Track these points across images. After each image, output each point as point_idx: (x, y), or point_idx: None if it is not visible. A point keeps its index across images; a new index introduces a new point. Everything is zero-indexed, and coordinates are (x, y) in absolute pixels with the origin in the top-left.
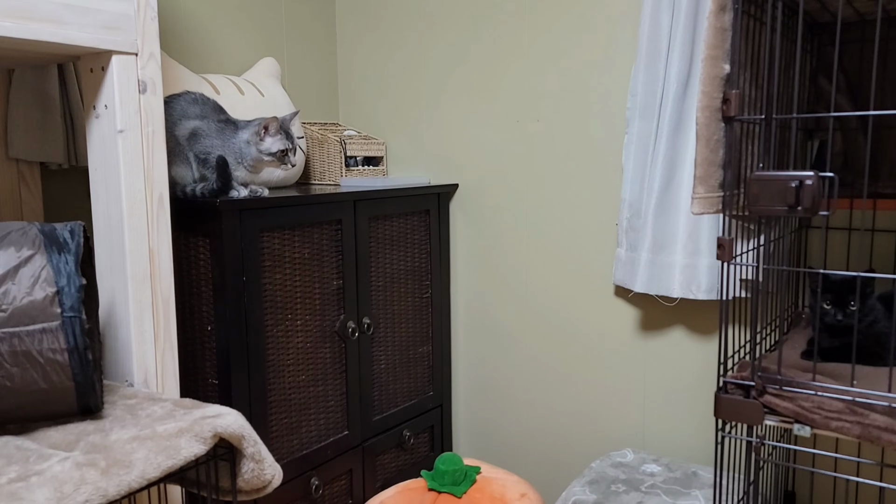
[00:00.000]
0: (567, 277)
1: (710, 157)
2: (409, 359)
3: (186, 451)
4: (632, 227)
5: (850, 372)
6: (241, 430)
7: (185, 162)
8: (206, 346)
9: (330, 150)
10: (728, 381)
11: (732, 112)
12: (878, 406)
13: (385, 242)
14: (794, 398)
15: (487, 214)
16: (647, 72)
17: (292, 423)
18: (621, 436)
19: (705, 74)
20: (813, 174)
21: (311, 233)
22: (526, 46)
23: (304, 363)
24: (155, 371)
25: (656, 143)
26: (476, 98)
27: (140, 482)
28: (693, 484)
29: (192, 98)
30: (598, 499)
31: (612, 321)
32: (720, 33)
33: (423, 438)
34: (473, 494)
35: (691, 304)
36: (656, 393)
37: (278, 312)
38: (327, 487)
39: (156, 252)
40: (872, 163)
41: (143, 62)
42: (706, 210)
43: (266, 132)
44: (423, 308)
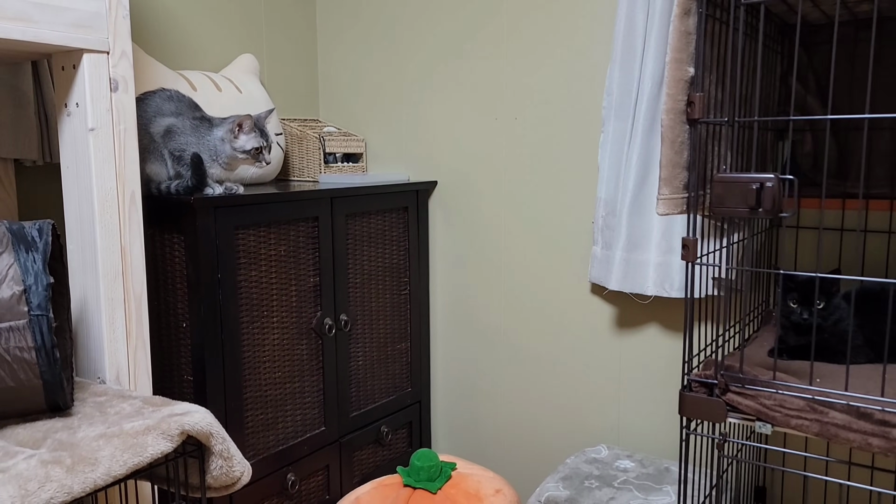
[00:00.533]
0: (544, 275)
1: (675, 159)
2: (388, 355)
3: (153, 449)
4: (607, 225)
5: (820, 370)
6: (209, 427)
7: (159, 159)
8: (181, 342)
9: (309, 147)
10: (692, 379)
11: (696, 114)
12: (838, 404)
13: (363, 239)
14: (756, 396)
15: (466, 212)
16: (622, 72)
17: (268, 419)
18: (596, 432)
19: (670, 77)
20: (773, 176)
21: (288, 230)
22: (505, 45)
23: (281, 360)
24: (127, 368)
25: (631, 142)
26: (456, 96)
27: (105, 479)
28: (665, 479)
29: (167, 95)
30: (571, 494)
31: (588, 319)
32: (684, 37)
33: (401, 434)
34: (448, 490)
35: (665, 301)
36: (631, 389)
37: (254, 309)
38: (304, 483)
39: (128, 249)
40: (842, 164)
41: (114, 60)
42: (671, 211)
43: (240, 130)
44: (402, 305)
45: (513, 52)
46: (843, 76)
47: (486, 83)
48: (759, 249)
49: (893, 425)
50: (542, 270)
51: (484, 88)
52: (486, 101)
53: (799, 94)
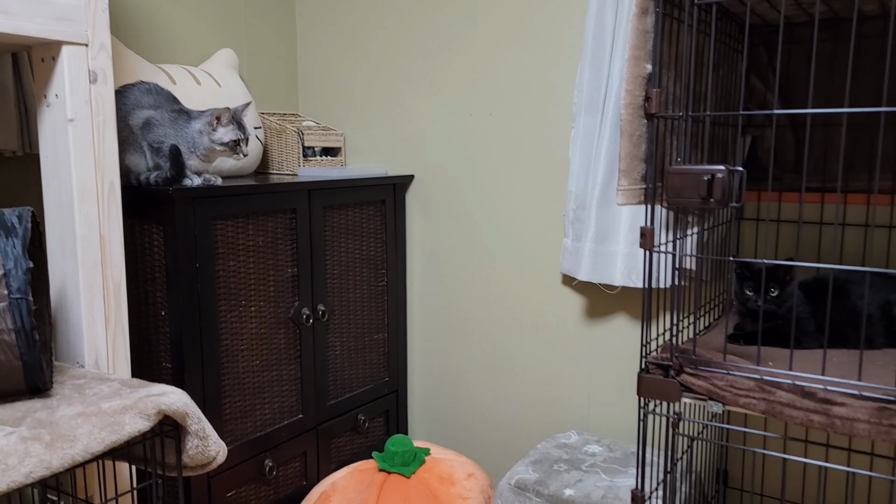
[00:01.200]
0: (518, 267)
1: (633, 152)
2: (365, 345)
3: (130, 427)
4: (577, 218)
5: (773, 354)
6: (184, 407)
7: (138, 151)
8: (160, 331)
9: (288, 141)
10: (649, 361)
11: (654, 109)
12: (785, 384)
13: (340, 232)
14: (708, 377)
15: (442, 205)
16: (591, 69)
17: (246, 406)
18: (567, 418)
19: (629, 73)
20: (723, 168)
21: (266, 221)
22: (480, 42)
23: (258, 348)
24: (106, 353)
25: (600, 137)
26: (433, 92)
27: (84, 456)
28: (631, 462)
29: (145, 88)
30: (540, 477)
31: (560, 309)
32: (642, 35)
33: (378, 423)
34: (422, 474)
35: (632, 292)
36: (600, 376)
37: (232, 299)
38: (281, 469)
39: (107, 238)
40: (798, 159)
41: (93, 53)
42: (629, 201)
43: (218, 122)
44: (379, 296)
45: (487, 50)
46: (802, 74)
47: (462, 79)
48: (720, 241)
49: (833, 403)
50: (516, 262)
51: (460, 85)
52: (462, 97)
53: (759, 92)
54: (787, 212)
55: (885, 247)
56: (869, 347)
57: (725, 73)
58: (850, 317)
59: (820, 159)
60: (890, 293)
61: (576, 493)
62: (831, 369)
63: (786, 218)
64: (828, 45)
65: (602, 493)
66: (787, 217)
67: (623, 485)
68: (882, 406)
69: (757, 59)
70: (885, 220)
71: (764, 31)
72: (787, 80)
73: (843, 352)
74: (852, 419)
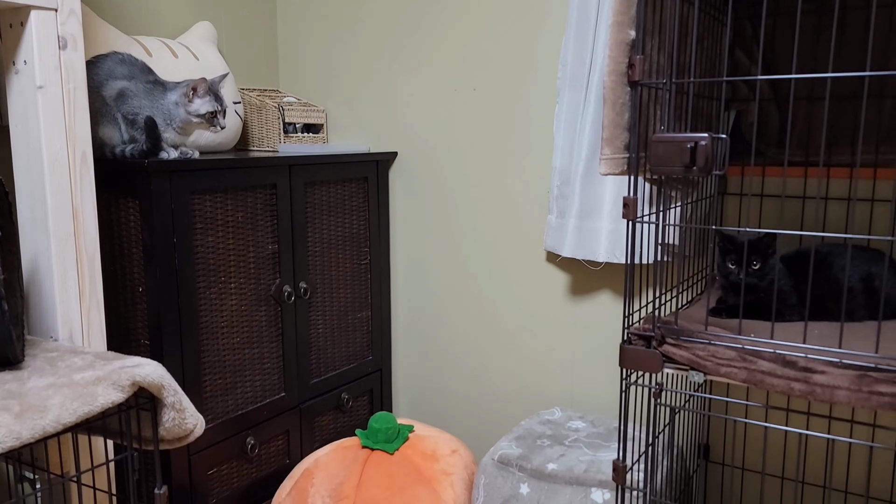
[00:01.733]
0: (502, 243)
1: (616, 120)
2: (348, 323)
3: (103, 399)
4: (561, 194)
5: (755, 326)
6: (160, 379)
7: (112, 122)
8: (137, 307)
9: (268, 117)
10: (632, 332)
11: (637, 76)
12: (766, 353)
13: (322, 208)
14: (690, 348)
15: (426, 182)
16: (576, 43)
17: (227, 384)
18: (551, 395)
19: (612, 40)
20: (706, 136)
21: (245, 197)
22: (463, 17)
23: (239, 326)
24: (80, 327)
25: (584, 112)
26: (416, 68)
27: (55, 427)
28: (613, 438)
29: (119, 58)
30: (524, 452)
31: (544, 285)
32: (626, 0)
33: (362, 401)
34: (405, 451)
35: (616, 268)
36: (584, 353)
37: (211, 275)
38: (263, 447)
39: (79, 210)
40: (782, 133)
41: (63, 18)
42: (612, 171)
43: (195, 93)
44: (362, 274)
45: (471, 24)
46: (787, 47)
47: (445, 55)
48: (704, 216)
49: (814, 371)
50: (500, 239)
51: (444, 60)
52: (445, 72)
53: (744, 65)
54: (770, 186)
55: (867, 220)
56: (850, 320)
57: (710, 46)
58: (831, 289)
59: (804, 133)
60: (871, 266)
61: (558, 467)
62: (812, 340)
63: (769, 192)
64: (812, 17)
65: (585, 466)
66: (771, 191)
67: (605, 459)
68: (862, 373)
69: (742, 31)
70: (867, 193)
71: (749, 3)
72: (771, 53)
73: (824, 324)
74: (832, 386)
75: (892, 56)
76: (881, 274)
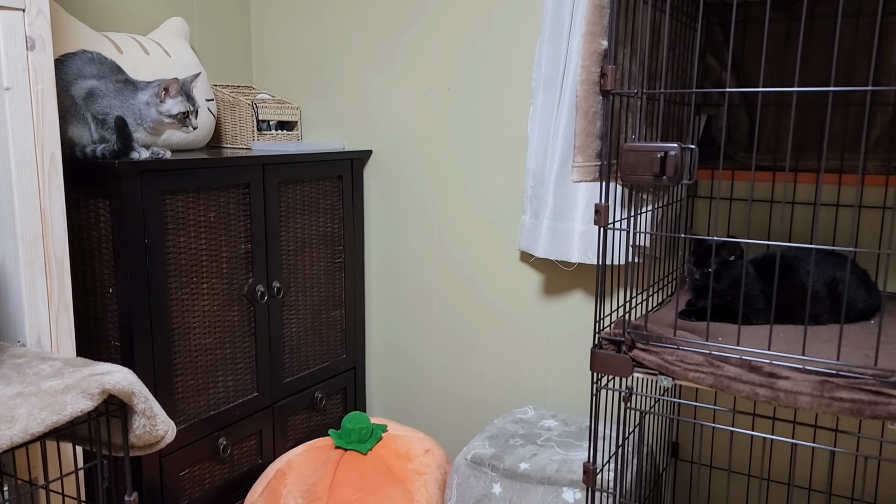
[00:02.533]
0: (476, 243)
1: (589, 128)
2: (322, 322)
3: (73, 407)
4: (535, 194)
5: (723, 329)
6: (130, 386)
7: (82, 122)
8: (107, 308)
9: (242, 114)
10: (602, 337)
11: (609, 86)
12: (733, 359)
13: (296, 207)
14: (659, 352)
15: (400, 181)
16: (550, 45)
17: (199, 385)
18: (524, 394)
19: (584, 49)
20: (676, 146)
21: (218, 196)
22: (438, 16)
23: (211, 326)
24: (49, 332)
25: (558, 114)
26: (390, 66)
27: (23, 437)
28: (585, 436)
29: (88, 57)
30: (496, 452)
31: (517, 285)
32: (599, 10)
33: (335, 400)
34: (379, 451)
35: (588, 268)
36: (556, 352)
37: (183, 275)
38: (236, 447)
39: (48, 212)
40: (751, 138)
41: (30, 18)
42: (584, 178)
43: (167, 94)
44: (336, 272)
45: (446, 24)
46: (756, 53)
47: (420, 54)
48: (674, 218)
49: (778, 377)
50: (475, 238)
51: (418, 59)
52: (420, 71)
53: (715, 71)
54: (739, 190)
55: (831, 225)
56: (815, 323)
57: (681, 52)
58: (797, 293)
59: (772, 138)
60: (835, 270)
61: (531, 467)
62: (778, 344)
63: (738, 196)
64: (781, 25)
65: (556, 466)
66: (740, 195)
67: (577, 458)
68: (824, 379)
69: (713, 37)
70: (831, 198)
71: (720, 10)
72: (741, 59)
73: (789, 327)
74: (795, 392)
75: (858, 63)
76: (845, 278)
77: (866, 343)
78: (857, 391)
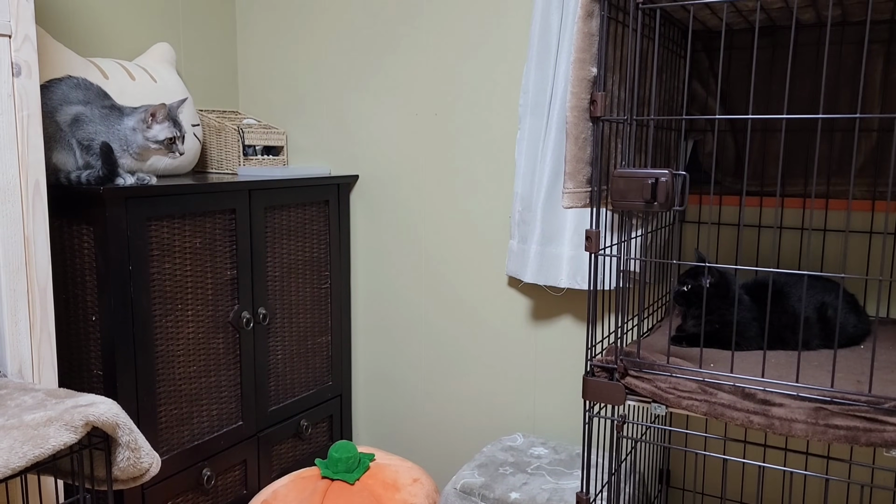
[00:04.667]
0: (464, 269)
1: (579, 154)
2: (308, 349)
3: (55, 441)
4: (523, 219)
5: (715, 355)
6: (114, 418)
7: (67, 148)
8: (90, 336)
9: (228, 139)
10: (595, 364)
11: (598, 112)
12: (726, 386)
13: (282, 233)
14: (652, 380)
15: (387, 206)
16: (537, 71)
17: (183, 414)
18: (513, 421)
19: (574, 76)
20: (667, 172)
21: (204, 222)
22: (426, 41)
23: (196, 354)
24: (31, 361)
25: (545, 139)
26: (377, 91)
27: (3, 472)
28: (576, 465)
29: (74, 83)
30: (486, 481)
31: (506, 311)
32: (588, 38)
33: (321, 428)
34: (366, 481)
35: (577, 293)
36: (545, 379)
37: (168, 302)
38: (220, 478)
39: (31, 240)
40: (738, 163)
41: (17, 45)
42: (575, 204)
43: (153, 119)
44: (323, 299)
45: (433, 48)
46: (742, 80)
47: (406, 79)
48: (663, 243)
49: (772, 404)
50: (462, 264)
51: (405, 84)
52: (406, 96)
53: (700, 97)
54: (727, 215)
55: (819, 250)
56: (805, 349)
57: (668, 78)
58: (787, 319)
59: (759, 164)
60: (824, 295)
61: (521, 497)
62: (770, 370)
63: (726, 221)
64: (767, 52)
65: (547, 495)
66: (728, 220)
67: (568, 487)
68: (818, 406)
69: (699, 64)
70: (819, 224)
71: (705, 37)
72: (727, 86)
73: (781, 353)
74: (790, 420)
75: (842, 90)
76: (834, 303)
77: (857, 368)
78: (852, 418)
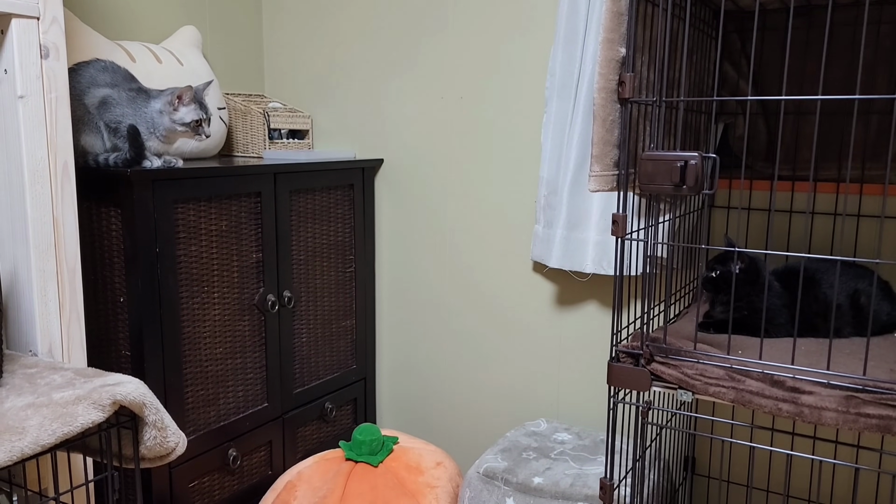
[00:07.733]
0: (488, 253)
1: (606, 137)
2: (332, 332)
3: (84, 419)
4: (549, 204)
5: (743, 342)
6: (141, 398)
7: (95, 131)
8: (118, 317)
9: (253, 122)
10: (620, 350)
11: (627, 94)
12: (754, 373)
13: (307, 216)
14: (678, 366)
15: (412, 190)
16: (564, 52)
17: (209, 395)
18: (537, 406)
19: (602, 57)
20: (696, 154)
21: (230, 205)
22: (450, 24)
23: (222, 336)
24: (60, 341)
25: (572, 122)
26: (403, 74)
27: (34, 448)
28: (599, 450)
29: (101, 66)
30: (509, 465)
31: (530, 296)
32: (616, 17)
33: (345, 411)
34: (390, 463)
35: (603, 279)
36: (570, 364)
37: (194, 284)
38: (246, 458)
39: (60, 221)
40: (770, 147)
41: (45, 27)
42: (602, 187)
43: (180, 102)
44: (347, 282)
45: (459, 32)
46: (775, 62)
47: (432, 62)
48: (692, 228)
49: (802, 392)
50: (486, 248)
51: (430, 67)
52: (432, 80)
53: (731, 79)
54: (757, 200)
55: (853, 236)
56: (837, 336)
57: (699, 60)
58: (818, 306)
59: (791, 147)
60: (858, 282)
61: (544, 481)
62: (800, 358)
63: (756, 206)
64: (801, 33)
65: (570, 480)
66: (758, 205)
67: (591, 472)
68: (849, 395)
69: (730, 45)
70: (854, 209)
71: (738, 18)
72: (759, 68)
73: (811, 340)
74: (820, 408)
75: (879, 71)
76: (867, 290)
77: (891, 357)
78: (885, 407)
